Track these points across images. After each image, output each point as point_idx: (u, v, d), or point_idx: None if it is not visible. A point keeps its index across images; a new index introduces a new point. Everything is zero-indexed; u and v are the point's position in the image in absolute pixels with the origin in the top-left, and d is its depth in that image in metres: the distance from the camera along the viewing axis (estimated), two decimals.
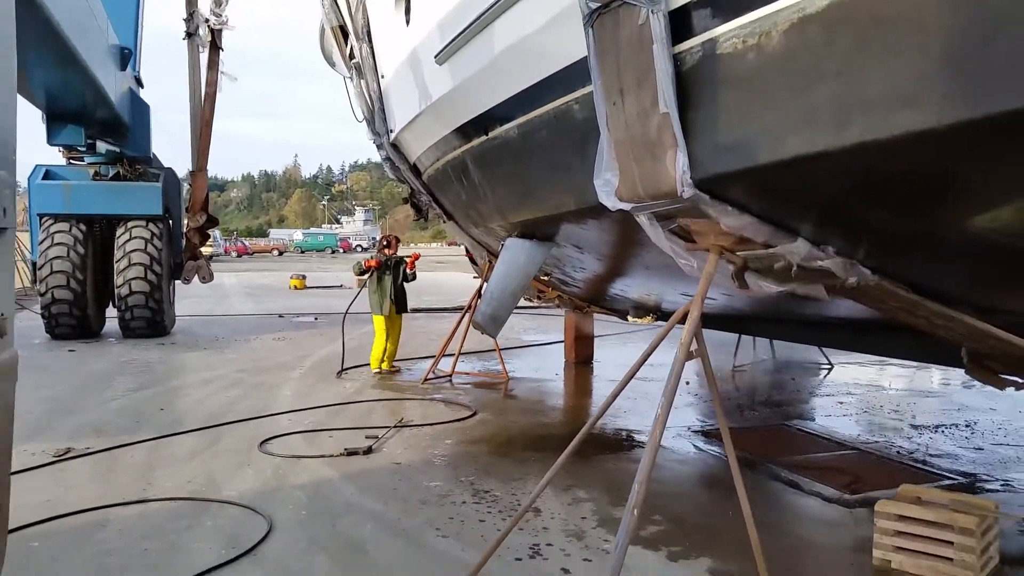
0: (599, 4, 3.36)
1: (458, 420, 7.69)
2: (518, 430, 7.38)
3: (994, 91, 2.07)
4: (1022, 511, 5.16)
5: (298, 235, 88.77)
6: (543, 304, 12.12)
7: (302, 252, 77.45)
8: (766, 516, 4.89)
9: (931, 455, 6.48)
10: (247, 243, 78.26)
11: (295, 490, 5.47)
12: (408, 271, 10.49)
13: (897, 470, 5.96)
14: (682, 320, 3.69)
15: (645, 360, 3.76)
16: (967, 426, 7.56)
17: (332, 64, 10.13)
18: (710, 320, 8.04)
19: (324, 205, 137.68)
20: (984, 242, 2.79)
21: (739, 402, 8.92)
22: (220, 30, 13.18)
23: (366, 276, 10.51)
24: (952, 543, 4.06)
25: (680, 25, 3.08)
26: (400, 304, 10.44)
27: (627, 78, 3.33)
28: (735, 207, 3.28)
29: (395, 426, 7.31)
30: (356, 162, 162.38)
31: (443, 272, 34.88)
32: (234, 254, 67.18)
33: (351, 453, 6.35)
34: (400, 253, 10.82)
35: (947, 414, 8.07)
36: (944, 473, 5.94)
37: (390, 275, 10.33)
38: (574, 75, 3.89)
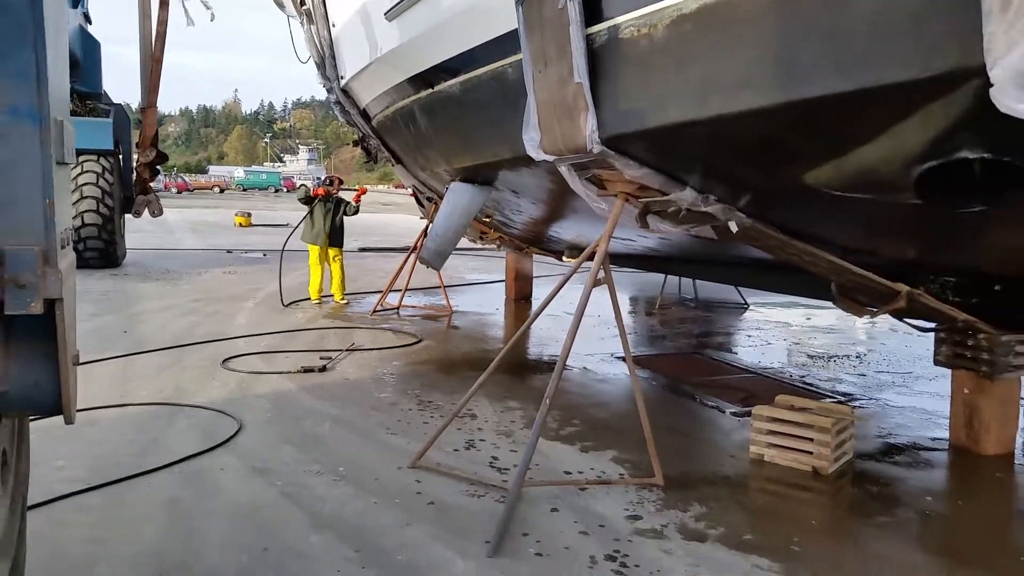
0: None
1: (405, 346, 8.48)
2: (460, 355, 8.21)
3: (805, 81, 2.86)
4: (889, 423, 6.18)
5: (239, 172, 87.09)
6: (486, 246, 12.88)
7: (244, 190, 76.31)
8: (671, 423, 5.87)
9: (819, 379, 7.53)
10: (187, 179, 76.63)
11: (259, 399, 6.21)
12: (354, 203, 11.24)
13: (786, 390, 6.97)
14: (592, 257, 4.51)
15: (558, 291, 4.63)
16: (856, 357, 8.66)
17: (282, 7, 10.50)
18: (635, 260, 8.95)
19: (267, 143, 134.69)
20: (819, 193, 3.63)
21: (661, 334, 9.90)
22: None
23: (309, 204, 11.14)
24: (812, 439, 5.04)
25: (592, 11, 3.80)
26: (335, 239, 11.13)
27: (549, 51, 4.05)
28: (635, 160, 4.07)
29: (347, 349, 8.06)
30: (299, 99, 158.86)
31: (391, 214, 35.26)
32: (174, 190, 65.86)
33: (307, 370, 7.09)
34: (345, 193, 11.50)
35: (842, 347, 9.17)
36: (825, 392, 6.98)
37: (329, 209, 11.01)
38: (507, 43, 4.57)
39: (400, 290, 11.02)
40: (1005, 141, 2.38)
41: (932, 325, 5.51)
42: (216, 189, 73.04)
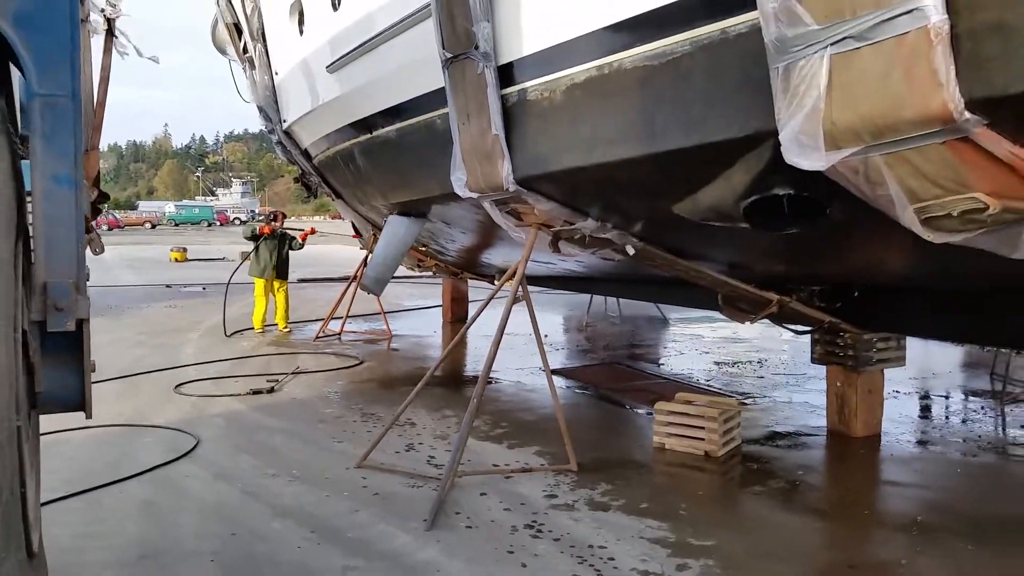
0: (451, 55, 4.84)
1: (347, 367, 9.10)
2: (400, 373, 8.87)
3: (660, 138, 3.70)
4: (778, 415, 7.06)
5: (171, 208, 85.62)
6: (423, 274, 13.55)
7: (176, 225, 75.08)
8: (590, 422, 6.69)
9: (722, 383, 8.43)
10: (118, 216, 75.08)
11: (213, 418, 6.76)
12: (300, 240, 11.86)
13: (691, 391, 7.84)
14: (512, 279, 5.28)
15: (480, 313, 5.40)
16: (759, 363, 9.63)
17: (224, 53, 11.10)
18: (560, 282, 9.76)
19: (199, 176, 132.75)
20: (687, 221, 4.47)
21: (587, 348, 10.74)
22: (115, 19, 13.65)
23: (255, 241, 11.71)
24: (703, 428, 5.88)
25: (505, 76, 4.60)
26: (281, 271, 11.73)
27: (471, 107, 4.84)
28: (543, 196, 4.87)
29: (292, 372, 8.64)
30: (232, 132, 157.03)
31: (328, 245, 35.55)
32: (105, 227, 64.45)
33: (256, 392, 7.66)
34: (291, 227, 12.12)
35: (747, 354, 10.14)
36: (725, 392, 7.87)
37: (274, 244, 11.60)
38: (437, 97, 5.34)
39: (341, 317, 11.62)
40: (801, 181, 3.23)
41: (808, 328, 6.46)
42: (147, 225, 71.68)
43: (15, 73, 2.81)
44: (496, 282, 11.25)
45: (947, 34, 2.36)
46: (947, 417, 7.14)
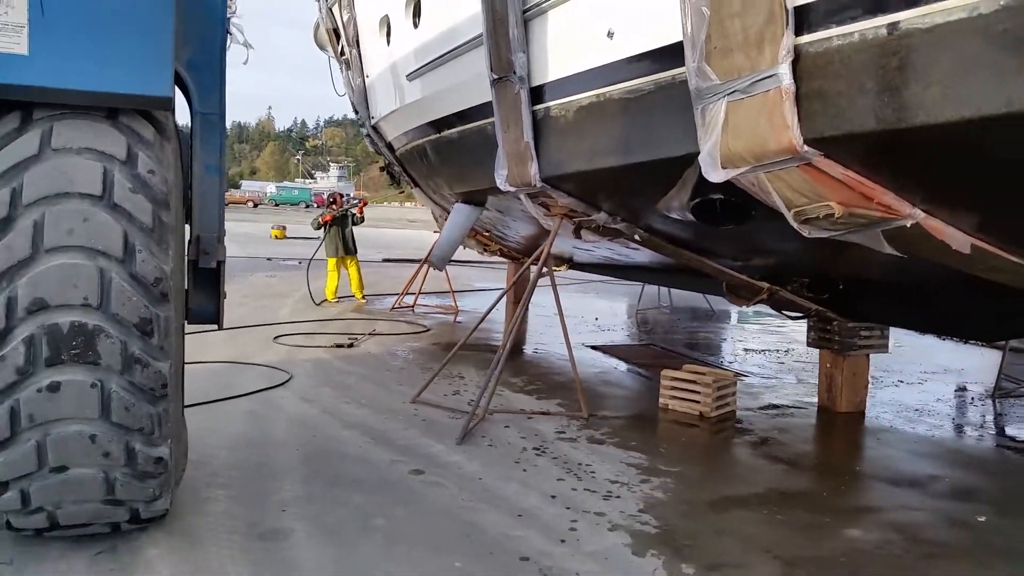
0: (497, 76, 6.10)
1: (416, 332, 10.54)
2: (460, 340, 10.22)
3: (632, 152, 4.86)
4: (781, 392, 8.05)
5: (272, 188, 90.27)
6: (492, 259, 14.88)
7: (276, 205, 79.29)
8: (612, 386, 7.84)
9: (744, 366, 9.44)
10: None
11: (303, 362, 8.28)
12: (358, 214, 13.59)
13: (701, 366, 8.89)
14: (539, 258, 6.53)
15: (509, 288, 6.62)
16: (785, 351, 10.54)
17: (323, 50, 12.69)
18: (612, 269, 10.90)
19: (299, 159, 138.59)
20: (666, 220, 5.59)
21: (631, 331, 11.87)
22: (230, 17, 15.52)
23: (323, 228, 13.48)
24: (699, 392, 6.98)
25: (535, 95, 5.83)
26: (349, 248, 13.40)
27: (510, 118, 6.09)
28: (563, 192, 6.09)
29: (369, 334, 10.13)
30: (331, 117, 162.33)
31: (414, 230, 37.47)
32: None
33: (339, 346, 9.17)
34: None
35: (778, 344, 11.05)
36: (740, 372, 8.89)
37: (338, 226, 13.25)
38: (487, 109, 6.61)
39: (415, 293, 13.10)
40: (728, 190, 4.32)
41: (800, 315, 7.46)
42: (250, 204, 75.93)
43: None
44: (553, 266, 12.53)
45: (793, 93, 3.46)
46: (934, 403, 7.97)
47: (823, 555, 4.10)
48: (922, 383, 8.77)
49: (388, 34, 9.40)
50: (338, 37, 11.56)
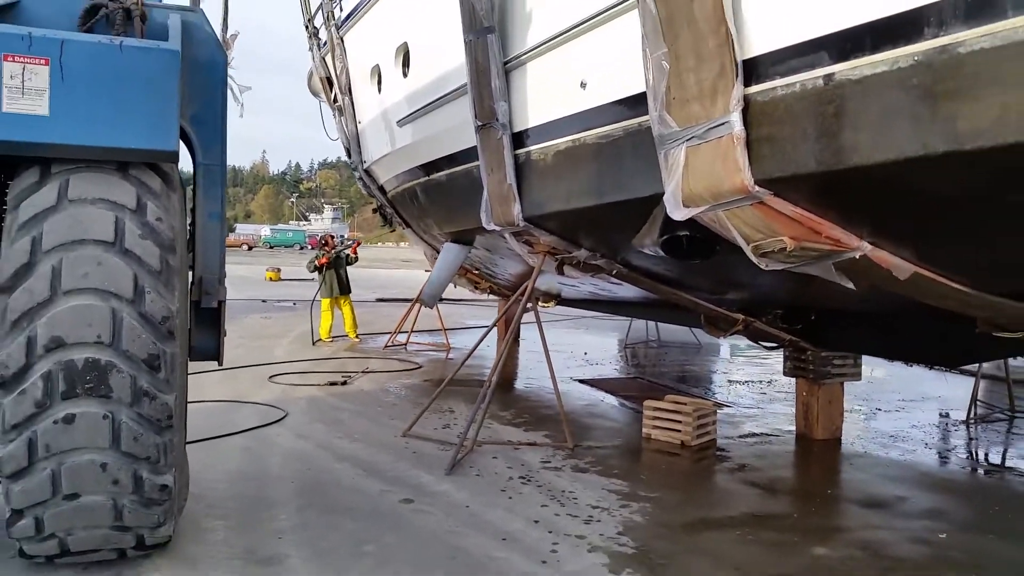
0: (481, 123, 6.46)
1: (408, 369, 10.79)
2: (453, 378, 10.47)
3: (605, 193, 5.20)
4: (762, 422, 8.31)
5: (266, 231, 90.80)
6: (482, 297, 15.20)
7: (271, 247, 79.72)
8: (598, 418, 8.08)
9: (728, 397, 9.70)
10: None
11: (298, 400, 8.52)
12: (352, 255, 13.92)
13: (683, 396, 9.15)
14: (523, 293, 6.84)
15: (495, 324, 6.93)
16: (768, 382, 10.82)
17: (317, 96, 13.14)
18: (598, 304, 11.20)
19: (293, 202, 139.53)
20: (641, 256, 5.91)
21: (619, 365, 12.14)
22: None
23: (319, 271, 13.83)
24: (680, 422, 7.24)
25: (518, 140, 6.19)
26: (343, 288, 13.71)
27: (494, 162, 6.44)
28: (544, 231, 6.42)
29: (362, 372, 10.38)
30: (325, 160, 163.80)
31: (409, 270, 37.83)
32: None
33: (332, 384, 9.42)
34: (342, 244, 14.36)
35: (761, 375, 11.33)
36: (722, 403, 9.15)
37: (334, 267, 13.60)
38: (473, 153, 6.97)
39: (407, 332, 13.38)
40: (694, 227, 4.65)
41: (775, 345, 7.75)
42: (245, 247, 76.31)
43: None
44: (541, 303, 12.85)
45: (743, 139, 3.81)
46: (909, 430, 8.23)
47: (789, 572, 4.34)
48: (899, 410, 9.05)
49: (379, 82, 9.81)
50: (331, 85, 12.00)
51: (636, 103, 4.62)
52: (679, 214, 4.26)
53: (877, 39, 3.33)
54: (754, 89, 3.84)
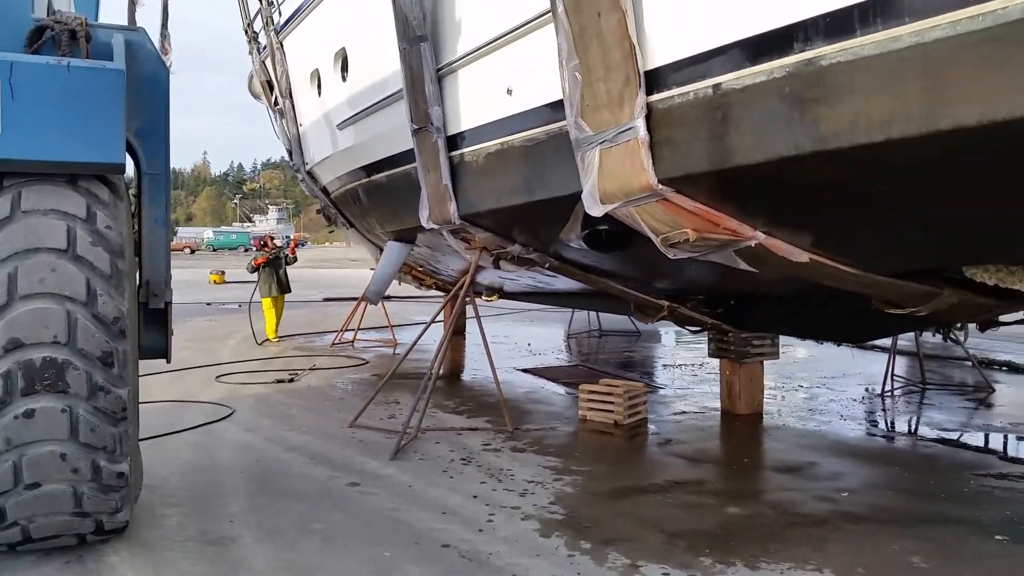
0: (417, 127, 6.80)
1: (355, 366, 11.06)
2: (399, 371, 10.78)
3: (532, 191, 5.60)
4: (691, 401, 8.82)
5: (209, 233, 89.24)
6: (429, 294, 15.52)
7: (214, 250, 78.45)
8: (539, 402, 8.50)
9: (661, 380, 10.22)
10: None
11: (246, 397, 8.74)
12: (290, 255, 14.11)
13: (616, 380, 9.63)
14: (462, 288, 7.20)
15: (434, 320, 7.33)
16: (700, 365, 11.37)
17: (258, 99, 13.27)
18: (537, 296, 11.62)
19: (236, 203, 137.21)
20: (569, 249, 6.33)
21: (561, 355, 12.60)
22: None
23: (257, 272, 14.00)
24: (612, 403, 7.70)
25: (452, 143, 6.55)
26: (283, 287, 13.89)
27: (430, 164, 6.78)
28: (480, 228, 6.79)
29: (310, 369, 10.63)
30: (269, 160, 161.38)
31: (355, 269, 37.83)
32: None
33: (280, 381, 9.66)
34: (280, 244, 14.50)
35: (694, 359, 11.89)
36: (654, 385, 9.66)
37: (272, 267, 13.80)
38: (410, 155, 7.30)
39: (354, 329, 13.62)
40: (611, 222, 5.08)
41: (699, 328, 8.27)
42: (187, 250, 74.94)
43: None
44: (484, 297, 13.24)
45: (647, 142, 4.24)
46: (828, 404, 8.84)
47: (703, 528, 4.81)
48: (820, 387, 9.68)
49: (319, 86, 10.05)
50: (271, 88, 12.17)
51: (557, 109, 5.02)
52: (596, 211, 4.68)
53: (755, 52, 3.78)
54: (655, 97, 4.26)
